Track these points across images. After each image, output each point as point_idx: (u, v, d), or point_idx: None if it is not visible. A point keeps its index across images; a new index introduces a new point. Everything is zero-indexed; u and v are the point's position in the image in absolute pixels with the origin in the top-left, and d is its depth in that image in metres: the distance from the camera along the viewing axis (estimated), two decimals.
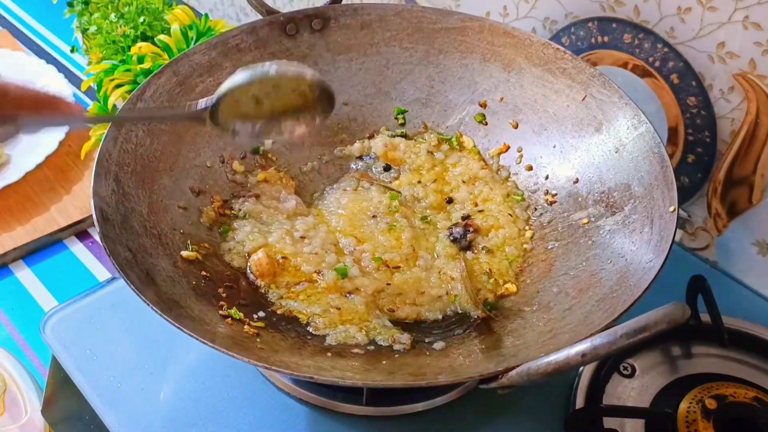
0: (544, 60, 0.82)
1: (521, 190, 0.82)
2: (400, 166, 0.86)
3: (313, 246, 0.75)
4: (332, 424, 0.71)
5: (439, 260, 0.76)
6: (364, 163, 0.87)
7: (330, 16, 0.87)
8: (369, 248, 0.76)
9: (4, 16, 1.61)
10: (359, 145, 0.88)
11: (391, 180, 0.85)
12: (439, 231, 0.79)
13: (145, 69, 1.00)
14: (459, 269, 0.74)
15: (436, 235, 0.79)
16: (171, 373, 0.75)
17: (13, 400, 0.87)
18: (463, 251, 0.77)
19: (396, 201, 0.81)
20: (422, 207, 0.82)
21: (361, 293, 0.72)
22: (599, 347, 0.49)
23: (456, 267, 0.74)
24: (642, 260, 0.64)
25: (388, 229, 0.78)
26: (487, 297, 0.72)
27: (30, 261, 1.06)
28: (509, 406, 0.73)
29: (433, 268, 0.76)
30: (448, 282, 0.74)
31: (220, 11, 1.47)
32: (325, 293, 0.71)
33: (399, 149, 0.86)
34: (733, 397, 0.69)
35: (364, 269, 0.74)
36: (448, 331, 0.70)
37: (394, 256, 0.76)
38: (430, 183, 0.84)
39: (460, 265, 0.74)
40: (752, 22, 0.74)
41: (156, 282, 0.64)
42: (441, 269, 0.75)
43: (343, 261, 0.75)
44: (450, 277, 0.74)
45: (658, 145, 0.71)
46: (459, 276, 0.73)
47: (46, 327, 0.79)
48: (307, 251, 0.75)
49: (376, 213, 0.80)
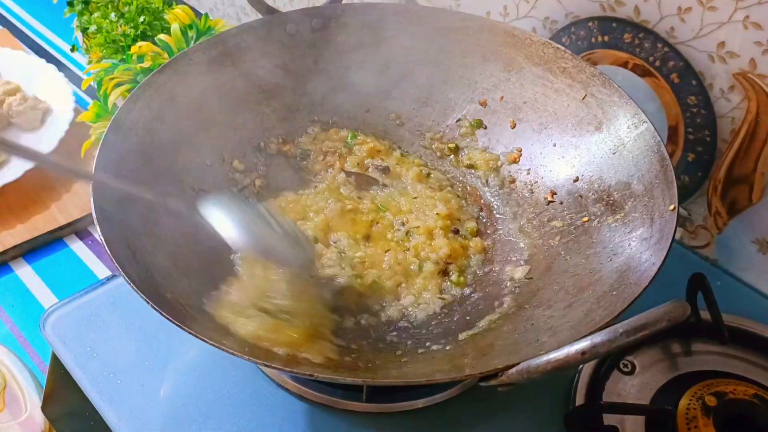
0: (545, 59, 0.82)
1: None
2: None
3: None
4: (332, 420, 0.71)
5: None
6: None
7: (330, 15, 0.87)
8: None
9: (4, 15, 1.62)
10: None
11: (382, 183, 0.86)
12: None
13: (145, 68, 1.00)
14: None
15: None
16: (171, 369, 0.75)
17: (13, 397, 0.87)
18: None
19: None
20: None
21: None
22: (599, 345, 0.49)
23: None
24: (642, 258, 0.64)
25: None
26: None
27: (30, 259, 1.06)
28: (509, 404, 0.73)
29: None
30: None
31: (220, 11, 1.47)
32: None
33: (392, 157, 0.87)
34: (733, 395, 0.69)
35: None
36: (448, 330, 0.71)
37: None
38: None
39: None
40: (752, 22, 0.74)
41: (156, 280, 0.64)
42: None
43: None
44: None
45: (658, 143, 0.71)
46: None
47: (46, 324, 0.79)
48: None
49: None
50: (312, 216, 0.79)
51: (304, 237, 0.72)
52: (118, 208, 0.67)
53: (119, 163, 0.71)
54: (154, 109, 0.76)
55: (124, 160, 0.71)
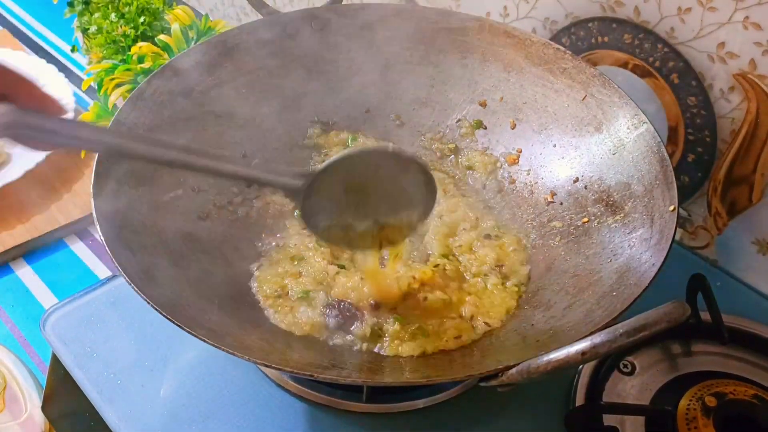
0: (545, 60, 0.82)
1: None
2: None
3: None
4: (332, 421, 0.71)
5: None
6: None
7: (330, 16, 0.87)
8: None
9: (5, 15, 1.62)
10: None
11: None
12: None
13: (146, 68, 1.00)
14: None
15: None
16: (171, 369, 0.75)
17: (13, 397, 0.87)
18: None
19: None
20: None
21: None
22: (599, 345, 0.49)
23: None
24: (642, 259, 0.64)
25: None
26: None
27: (30, 259, 1.06)
28: (509, 404, 0.73)
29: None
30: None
31: (221, 11, 1.47)
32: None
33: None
34: (732, 395, 0.69)
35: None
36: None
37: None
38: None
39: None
40: (752, 22, 0.74)
41: (156, 280, 0.64)
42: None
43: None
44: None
45: (658, 144, 0.71)
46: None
47: (47, 324, 0.79)
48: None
49: None
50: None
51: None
52: (119, 209, 0.67)
53: (119, 164, 0.71)
54: (154, 109, 0.76)
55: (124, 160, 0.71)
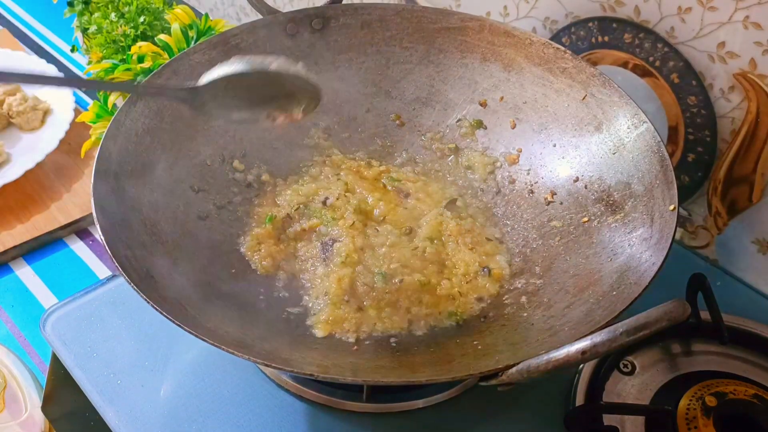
0: (545, 59, 0.82)
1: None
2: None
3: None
4: (332, 420, 0.71)
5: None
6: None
7: (330, 15, 0.87)
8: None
9: (4, 15, 1.62)
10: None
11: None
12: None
13: (146, 68, 1.00)
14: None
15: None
16: (171, 369, 0.75)
17: (13, 397, 0.87)
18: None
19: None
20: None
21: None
22: (599, 345, 0.49)
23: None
24: (642, 258, 0.64)
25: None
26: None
27: (30, 259, 1.06)
28: (509, 403, 0.73)
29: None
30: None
31: (220, 11, 1.47)
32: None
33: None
34: (733, 395, 0.69)
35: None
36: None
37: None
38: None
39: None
40: (752, 22, 0.74)
41: (156, 279, 0.64)
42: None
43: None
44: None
45: (658, 144, 0.71)
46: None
47: (47, 324, 0.79)
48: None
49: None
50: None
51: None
52: (118, 208, 0.67)
53: (119, 164, 0.71)
54: (153, 109, 0.76)
55: (124, 160, 0.71)
